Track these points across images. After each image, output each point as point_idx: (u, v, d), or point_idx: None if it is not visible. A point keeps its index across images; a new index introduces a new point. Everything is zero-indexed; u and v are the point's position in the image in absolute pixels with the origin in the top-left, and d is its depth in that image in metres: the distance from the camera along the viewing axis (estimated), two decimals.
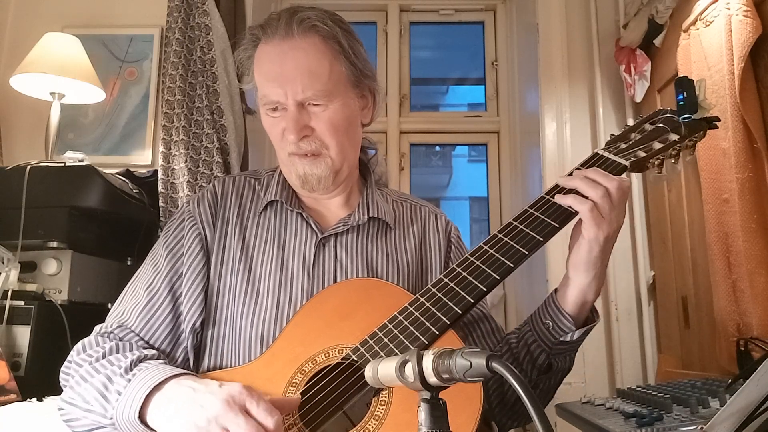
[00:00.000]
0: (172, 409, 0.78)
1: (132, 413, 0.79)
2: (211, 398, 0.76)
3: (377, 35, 2.92)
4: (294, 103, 0.95)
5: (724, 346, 1.50)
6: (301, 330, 0.89)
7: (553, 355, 0.92)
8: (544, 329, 0.92)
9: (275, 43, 0.96)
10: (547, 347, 0.92)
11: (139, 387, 0.80)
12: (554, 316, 0.91)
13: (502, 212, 2.74)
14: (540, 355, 0.93)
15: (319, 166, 0.98)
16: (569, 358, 0.95)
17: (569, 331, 0.90)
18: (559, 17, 2.35)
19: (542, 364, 0.93)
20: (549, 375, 0.95)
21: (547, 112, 2.31)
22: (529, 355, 0.94)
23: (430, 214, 1.12)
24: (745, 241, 1.43)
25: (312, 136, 0.97)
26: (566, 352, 0.93)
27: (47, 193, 1.64)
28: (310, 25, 0.96)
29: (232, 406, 0.74)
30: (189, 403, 0.77)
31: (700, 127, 0.98)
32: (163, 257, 0.99)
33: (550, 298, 0.93)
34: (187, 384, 0.80)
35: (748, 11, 1.47)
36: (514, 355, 0.96)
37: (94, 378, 0.84)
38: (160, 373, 0.81)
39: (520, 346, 0.95)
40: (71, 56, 1.96)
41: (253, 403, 0.75)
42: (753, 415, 0.66)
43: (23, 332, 1.52)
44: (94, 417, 0.83)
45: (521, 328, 0.97)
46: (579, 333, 0.90)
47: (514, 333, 0.99)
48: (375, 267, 1.01)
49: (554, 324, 0.90)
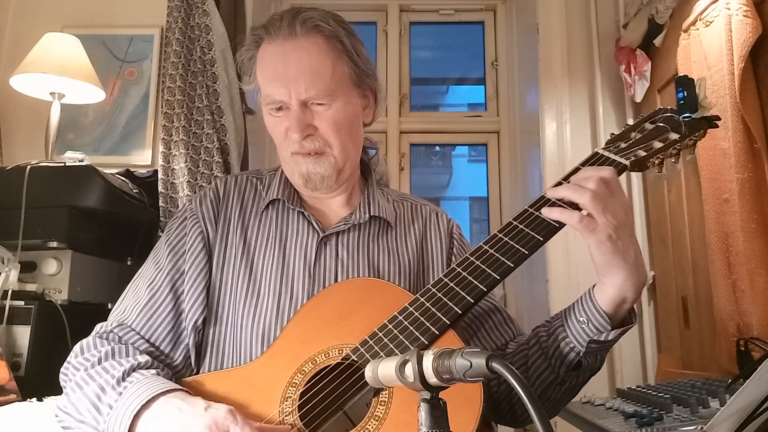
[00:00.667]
0: (157, 427, 0.78)
1: (122, 429, 0.79)
2: (195, 422, 0.76)
3: (377, 35, 2.92)
4: (297, 102, 0.95)
5: (724, 346, 1.50)
6: (301, 329, 0.89)
7: (584, 353, 0.88)
8: (578, 326, 0.87)
9: (278, 43, 0.97)
10: (579, 344, 0.87)
11: (129, 403, 0.80)
12: (590, 313, 0.86)
13: (502, 212, 2.74)
14: (570, 352, 0.88)
15: (323, 165, 0.99)
16: (600, 358, 0.91)
17: (604, 330, 0.85)
18: (559, 17, 2.35)
19: (572, 361, 0.89)
20: (577, 373, 0.91)
21: (547, 112, 2.31)
22: (558, 351, 0.89)
23: (431, 213, 1.12)
24: (745, 241, 1.43)
25: (315, 135, 0.98)
26: (598, 351, 0.89)
27: (47, 193, 1.64)
28: (313, 25, 0.96)
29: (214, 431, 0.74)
30: (174, 424, 0.77)
31: (701, 126, 0.97)
32: (165, 255, 0.99)
33: (587, 294, 0.88)
34: (174, 403, 0.80)
35: (748, 11, 1.47)
36: (543, 350, 0.92)
37: (89, 386, 0.84)
38: (150, 388, 0.81)
39: (551, 340, 0.91)
40: (71, 56, 1.96)
41: (237, 428, 0.75)
42: (753, 415, 0.66)
43: (23, 332, 1.52)
44: (87, 429, 0.84)
45: (551, 322, 0.93)
46: (614, 333, 0.85)
47: (543, 326, 0.95)
48: (376, 266, 1.01)
49: (589, 321, 0.86)
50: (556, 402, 0.94)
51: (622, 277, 0.83)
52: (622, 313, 0.87)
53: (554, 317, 0.94)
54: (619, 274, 0.83)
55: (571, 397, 0.96)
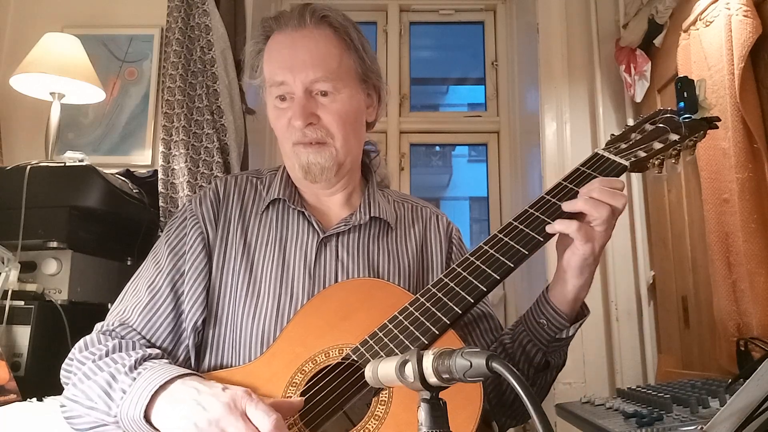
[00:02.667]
0: (176, 409, 0.78)
1: (138, 412, 0.79)
2: (214, 401, 0.76)
3: (377, 35, 2.92)
4: (302, 88, 0.96)
5: (724, 346, 1.50)
6: (301, 330, 0.89)
7: (549, 352, 0.94)
8: (539, 328, 0.93)
9: (287, 32, 0.99)
10: (543, 345, 0.93)
11: (146, 386, 0.80)
12: (548, 314, 0.92)
13: (502, 212, 2.74)
14: (537, 353, 0.94)
15: (323, 155, 0.99)
16: (563, 353, 0.98)
17: (564, 327, 0.91)
18: (559, 17, 2.35)
19: (539, 361, 0.94)
20: (546, 372, 0.97)
21: (547, 112, 2.31)
22: (525, 355, 0.95)
23: (432, 215, 1.12)
24: (745, 241, 1.43)
25: (318, 124, 0.98)
26: (561, 348, 0.96)
27: (47, 193, 1.64)
28: (322, 16, 0.99)
29: (234, 410, 0.75)
30: (192, 404, 0.77)
31: (701, 127, 0.98)
32: (165, 255, 0.99)
33: (542, 298, 0.94)
34: (192, 384, 0.80)
35: (748, 11, 1.47)
36: (509, 355, 0.97)
37: (98, 376, 0.84)
38: (166, 372, 0.82)
39: (515, 346, 0.96)
40: (71, 56, 1.96)
41: (252, 405, 0.75)
42: (753, 415, 0.66)
43: (23, 332, 1.52)
44: (98, 414, 0.83)
45: (514, 328, 0.99)
46: (573, 328, 0.92)
47: (507, 333, 1.00)
48: (376, 267, 1.02)
49: (549, 322, 0.92)
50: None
51: (585, 281, 0.89)
52: (576, 310, 0.93)
53: (515, 323, 0.99)
54: (584, 277, 0.89)
55: (544, 397, 1.03)
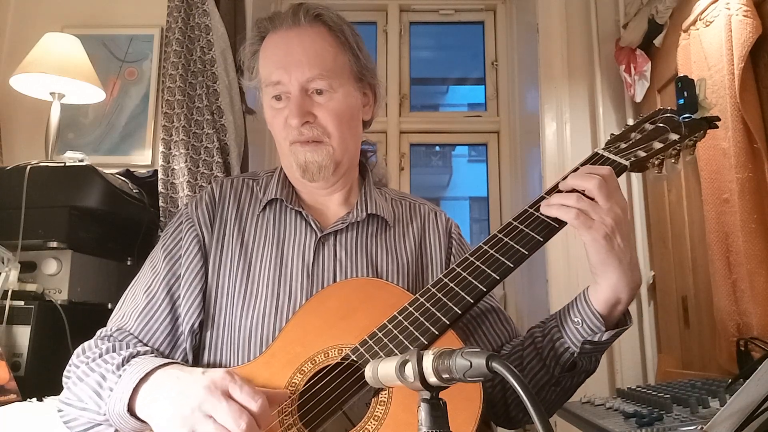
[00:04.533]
0: (158, 398, 0.78)
1: (121, 407, 0.79)
2: (194, 385, 0.76)
3: (377, 35, 2.92)
4: (298, 86, 0.96)
5: (724, 346, 1.50)
6: (300, 330, 0.89)
7: (579, 354, 0.88)
8: (572, 326, 0.87)
9: (282, 32, 0.99)
10: (574, 345, 0.87)
11: (128, 380, 0.81)
12: (584, 313, 0.86)
13: (502, 212, 2.74)
14: (565, 353, 0.88)
15: (320, 153, 0.99)
16: (595, 359, 0.91)
17: (598, 331, 0.85)
18: (559, 17, 2.35)
19: (566, 362, 0.89)
20: (572, 374, 0.91)
21: (547, 112, 2.30)
22: (553, 352, 0.89)
23: (430, 212, 1.12)
24: (745, 241, 1.43)
25: (314, 122, 0.98)
26: (593, 352, 0.89)
27: (47, 193, 1.64)
28: (316, 14, 0.99)
29: (214, 391, 0.74)
30: (173, 392, 0.77)
31: (701, 127, 0.97)
32: (161, 260, 0.99)
33: (582, 295, 0.88)
34: (172, 373, 0.81)
35: (748, 11, 1.47)
36: (537, 350, 0.91)
37: (89, 377, 0.85)
38: (147, 364, 0.82)
39: (545, 341, 0.90)
40: (71, 56, 1.96)
41: (236, 387, 0.75)
42: (753, 415, 0.66)
43: (23, 332, 1.52)
44: (90, 415, 0.84)
45: (546, 322, 0.93)
46: (608, 334, 0.85)
47: (539, 327, 0.94)
48: (375, 265, 1.01)
49: (583, 322, 0.86)
50: (551, 403, 0.94)
51: (616, 276, 0.83)
52: (617, 314, 0.87)
53: (549, 318, 0.94)
54: (613, 274, 0.83)
55: (566, 399, 0.96)
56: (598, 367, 0.92)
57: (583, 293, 0.88)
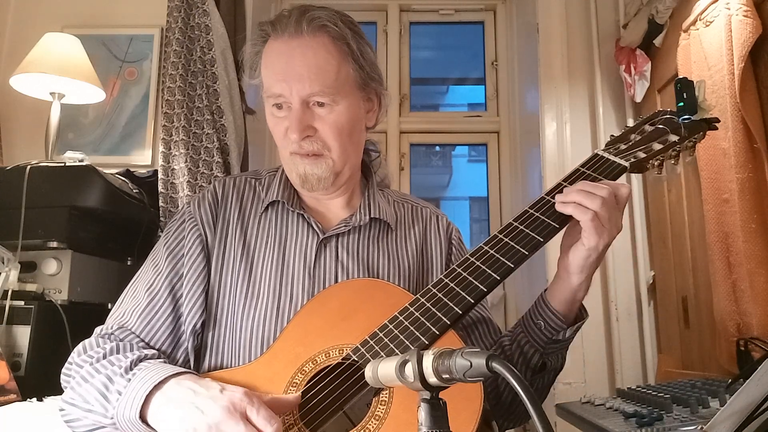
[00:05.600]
0: (173, 411, 0.77)
1: (133, 413, 0.79)
2: (212, 404, 0.75)
3: (377, 35, 2.92)
4: (299, 100, 0.95)
5: (724, 346, 1.50)
6: (301, 330, 0.89)
7: (546, 354, 0.94)
8: (536, 329, 0.93)
9: (284, 40, 0.96)
10: (540, 347, 0.93)
11: (140, 386, 0.80)
12: (545, 316, 0.92)
13: (502, 212, 2.74)
14: (534, 355, 0.94)
15: (320, 167, 0.98)
16: (561, 356, 0.97)
17: (561, 329, 0.92)
18: (559, 17, 2.35)
19: (536, 363, 0.94)
20: (543, 374, 0.97)
21: (547, 112, 2.31)
22: (522, 356, 0.95)
23: (432, 216, 1.12)
24: (745, 241, 1.43)
25: (315, 136, 0.97)
26: (559, 350, 0.95)
27: (47, 193, 1.64)
28: (320, 25, 0.96)
29: (233, 414, 0.74)
30: (189, 407, 0.76)
31: (700, 129, 0.98)
32: (164, 258, 0.99)
33: (540, 300, 0.94)
34: (188, 385, 0.80)
35: (748, 11, 1.47)
36: (507, 357, 0.97)
37: (95, 378, 0.84)
38: (160, 372, 0.82)
39: (513, 347, 0.96)
40: (71, 56, 1.96)
41: (254, 410, 0.75)
42: (753, 415, 0.66)
43: (23, 332, 1.52)
44: (95, 417, 0.83)
45: (513, 330, 0.99)
46: (570, 331, 0.92)
47: (507, 335, 1.01)
48: (376, 268, 1.01)
49: (546, 324, 0.92)
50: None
51: (584, 279, 0.89)
52: (574, 312, 0.93)
53: (514, 326, 0.99)
54: (583, 277, 0.89)
55: (542, 400, 1.02)
56: (565, 363, 0.99)
57: (540, 298, 0.94)
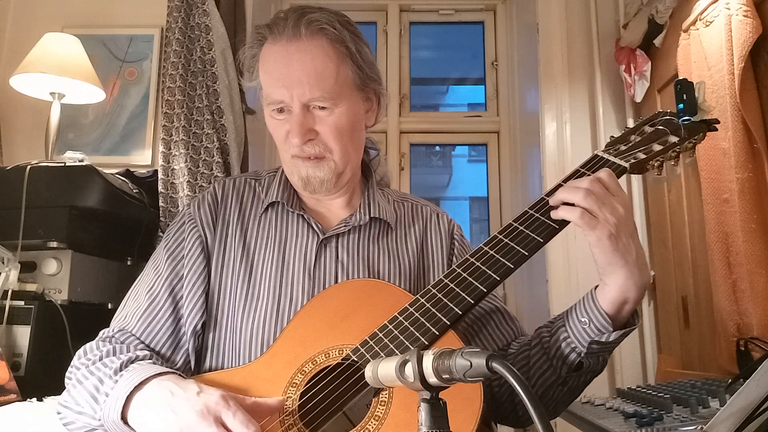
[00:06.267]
0: (149, 412, 0.78)
1: (115, 414, 0.79)
2: (186, 406, 0.75)
3: (377, 35, 2.92)
4: (299, 105, 0.95)
5: (724, 346, 1.50)
6: (301, 330, 0.89)
7: (586, 354, 0.87)
8: (579, 326, 0.87)
9: (282, 44, 0.96)
10: (580, 345, 0.87)
11: (122, 387, 0.80)
12: (591, 313, 0.85)
13: (502, 212, 2.74)
14: (572, 353, 0.88)
15: (323, 170, 0.98)
16: (602, 359, 0.90)
17: (605, 331, 0.84)
18: (559, 17, 2.35)
19: (573, 361, 0.88)
20: (579, 373, 0.90)
21: (547, 112, 2.31)
22: (560, 351, 0.88)
23: (432, 214, 1.12)
24: (745, 241, 1.43)
25: (316, 139, 0.97)
26: (600, 352, 0.88)
27: (47, 193, 1.64)
28: (318, 28, 0.95)
29: (206, 417, 0.74)
30: (164, 408, 0.77)
31: (700, 130, 0.98)
32: (164, 260, 0.99)
33: (589, 295, 0.87)
34: (167, 386, 0.80)
35: (748, 11, 1.47)
36: (545, 350, 0.91)
37: (88, 381, 0.85)
38: (143, 373, 0.82)
39: (552, 341, 0.90)
40: (71, 56, 1.96)
41: (229, 414, 0.74)
42: (753, 415, 0.66)
43: (23, 332, 1.52)
44: (86, 419, 0.84)
45: (554, 322, 0.93)
46: (616, 335, 0.84)
47: (546, 326, 0.94)
48: (376, 268, 1.01)
49: (591, 322, 0.85)
50: (557, 402, 0.94)
51: (624, 276, 0.82)
52: (625, 315, 0.86)
53: (557, 317, 0.93)
54: (621, 274, 0.82)
55: (573, 398, 0.96)
56: (605, 367, 0.92)
57: (590, 293, 0.88)
